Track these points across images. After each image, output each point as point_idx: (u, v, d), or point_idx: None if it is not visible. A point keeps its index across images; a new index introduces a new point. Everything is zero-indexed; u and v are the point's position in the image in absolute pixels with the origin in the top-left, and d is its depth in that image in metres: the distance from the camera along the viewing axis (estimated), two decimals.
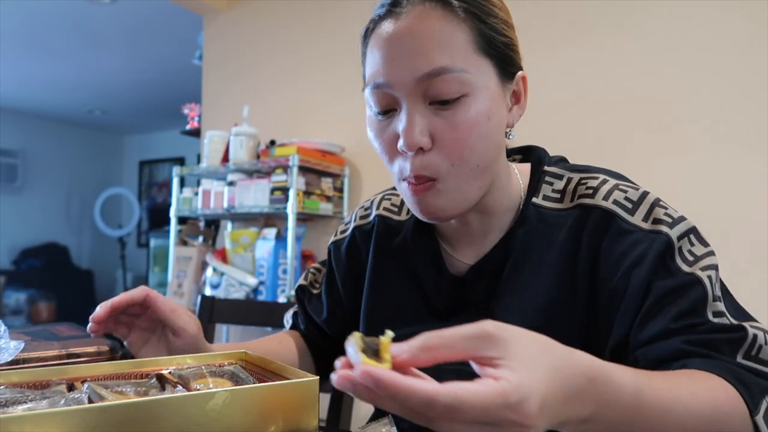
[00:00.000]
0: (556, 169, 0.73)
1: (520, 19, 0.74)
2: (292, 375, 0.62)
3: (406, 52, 0.62)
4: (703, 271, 0.61)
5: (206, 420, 0.52)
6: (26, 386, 0.59)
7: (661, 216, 0.64)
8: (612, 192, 0.66)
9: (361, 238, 0.85)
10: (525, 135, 0.85)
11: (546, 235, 0.69)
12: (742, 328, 0.58)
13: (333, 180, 2.48)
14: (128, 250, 6.34)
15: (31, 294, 5.63)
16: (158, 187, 6.66)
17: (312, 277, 0.94)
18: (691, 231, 0.64)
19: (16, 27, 3.76)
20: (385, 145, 0.66)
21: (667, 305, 0.59)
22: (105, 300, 0.73)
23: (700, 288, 0.59)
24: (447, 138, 0.62)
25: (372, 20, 0.67)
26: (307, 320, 0.93)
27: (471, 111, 0.62)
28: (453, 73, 0.61)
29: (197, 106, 3.18)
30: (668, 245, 0.62)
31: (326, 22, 2.62)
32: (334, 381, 0.38)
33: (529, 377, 0.37)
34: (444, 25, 0.62)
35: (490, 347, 0.39)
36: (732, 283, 0.67)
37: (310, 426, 0.58)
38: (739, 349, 0.57)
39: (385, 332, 0.41)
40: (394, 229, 0.82)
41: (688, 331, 0.58)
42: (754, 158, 1.71)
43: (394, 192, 0.87)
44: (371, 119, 0.68)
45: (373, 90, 0.65)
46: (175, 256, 2.69)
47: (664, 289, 0.60)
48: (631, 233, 0.63)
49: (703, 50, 1.80)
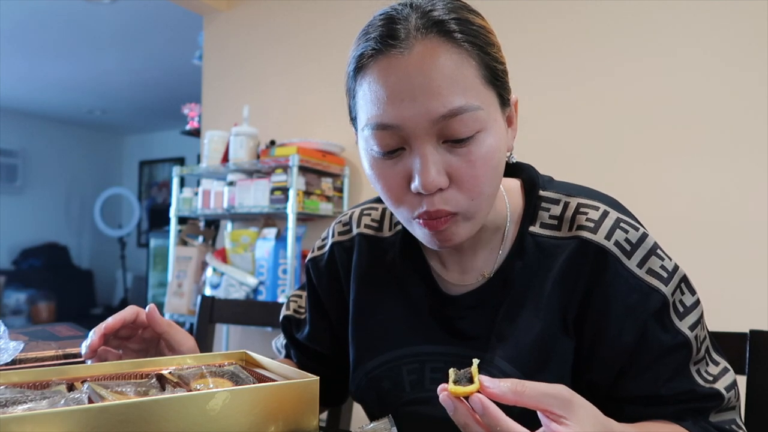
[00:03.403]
0: (551, 193, 0.71)
1: (518, 22, 0.74)
2: (292, 375, 0.62)
3: (417, 91, 0.58)
4: (692, 329, 0.65)
5: (206, 420, 0.52)
6: (26, 386, 0.59)
7: (656, 268, 0.65)
8: (614, 231, 0.66)
9: (340, 255, 0.82)
10: (523, 140, 0.84)
11: (544, 265, 0.68)
12: (719, 396, 0.65)
13: (333, 180, 2.48)
14: (128, 250, 6.34)
15: (31, 294, 5.63)
16: (158, 187, 6.66)
17: (294, 305, 0.91)
18: (682, 281, 0.67)
19: (16, 27, 3.76)
20: (393, 186, 0.62)
21: (659, 367, 0.65)
22: (105, 300, 0.73)
23: (687, 350, 0.65)
24: (465, 175, 0.60)
25: (363, 55, 0.62)
26: (298, 351, 0.89)
27: (485, 146, 0.60)
28: (468, 113, 0.58)
29: (197, 106, 3.18)
30: (664, 303, 0.64)
31: (327, 22, 2.62)
32: (442, 398, 0.49)
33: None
34: (453, 60, 0.58)
35: (563, 408, 0.48)
36: (732, 283, 0.69)
37: (310, 426, 0.58)
38: (712, 411, 0.66)
39: (472, 361, 0.51)
40: (379, 248, 0.79)
41: (677, 401, 0.65)
42: (754, 158, 1.71)
43: (372, 206, 0.84)
44: (374, 159, 0.63)
45: (376, 131, 0.61)
46: (175, 256, 2.69)
47: (659, 349, 0.65)
48: (626, 280, 0.65)
49: (703, 50, 1.80)
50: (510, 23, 2.08)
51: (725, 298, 1.69)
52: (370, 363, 0.75)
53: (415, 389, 0.72)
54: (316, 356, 0.88)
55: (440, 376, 0.69)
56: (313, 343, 0.87)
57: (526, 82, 2.04)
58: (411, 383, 0.72)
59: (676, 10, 1.84)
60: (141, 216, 6.56)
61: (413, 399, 0.72)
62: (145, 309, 0.75)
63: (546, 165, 0.85)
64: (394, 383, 0.73)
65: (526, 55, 2.07)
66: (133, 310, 0.74)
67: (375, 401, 0.75)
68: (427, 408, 0.70)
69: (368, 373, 0.75)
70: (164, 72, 4.58)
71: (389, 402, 0.73)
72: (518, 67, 0.71)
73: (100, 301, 6.35)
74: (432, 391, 0.65)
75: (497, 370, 0.67)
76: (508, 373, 0.66)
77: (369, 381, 0.75)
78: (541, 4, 2.07)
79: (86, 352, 0.70)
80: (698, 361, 0.66)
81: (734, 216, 1.72)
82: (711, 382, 0.65)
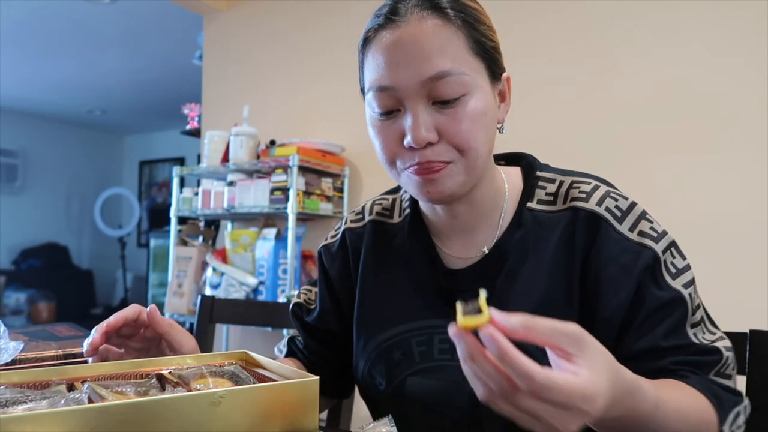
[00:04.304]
0: (547, 173, 0.78)
1: (514, 19, 0.79)
2: (292, 375, 0.62)
3: (409, 57, 0.66)
4: (685, 288, 0.68)
5: (206, 420, 0.52)
6: (26, 386, 0.59)
7: (646, 230, 0.70)
8: (604, 199, 0.72)
9: (352, 239, 0.88)
10: (521, 135, 0.85)
11: (541, 237, 0.73)
12: (717, 351, 0.67)
13: (333, 180, 2.48)
14: (128, 250, 6.34)
15: (31, 294, 5.63)
16: (158, 187, 6.65)
17: (305, 296, 0.94)
18: (672, 245, 0.71)
19: (16, 27, 3.76)
20: (389, 142, 0.70)
21: (657, 322, 0.68)
22: (105, 300, 0.74)
23: (683, 307, 0.68)
24: (452, 130, 0.67)
25: (370, 29, 0.71)
26: (307, 334, 0.92)
27: (471, 107, 0.67)
28: (453, 76, 0.66)
29: (197, 106, 3.18)
30: (655, 259, 0.69)
31: (326, 22, 2.62)
32: (451, 332, 0.46)
33: (600, 380, 0.47)
34: (443, 31, 0.67)
35: (573, 345, 0.47)
36: (732, 283, 0.69)
37: (310, 426, 0.58)
38: (713, 369, 0.67)
39: (479, 292, 0.48)
40: (389, 232, 0.85)
41: (676, 352, 0.67)
42: (755, 157, 1.71)
43: (384, 198, 0.90)
44: (374, 119, 0.71)
45: (376, 93, 0.69)
46: (175, 256, 2.69)
47: (656, 303, 0.67)
48: (618, 242, 0.69)
49: (702, 45, 1.80)
50: (508, 18, 2.08)
51: (725, 298, 1.69)
52: (381, 336, 0.79)
53: (424, 359, 0.76)
54: (324, 339, 0.90)
55: (448, 347, 0.74)
56: (322, 322, 0.90)
57: (523, 77, 2.04)
58: (420, 354, 0.76)
59: (676, 6, 1.84)
60: (141, 216, 6.55)
61: (422, 368, 0.75)
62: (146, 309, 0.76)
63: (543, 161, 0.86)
64: (404, 354, 0.77)
65: (523, 50, 2.07)
66: (135, 309, 0.75)
67: (384, 373, 0.77)
68: (434, 375, 0.74)
69: (379, 345, 0.79)
70: (164, 72, 4.58)
71: (398, 372, 0.76)
72: (515, 63, 0.75)
73: (100, 301, 6.35)
74: (440, 360, 0.73)
75: None
76: None
77: (380, 352, 0.79)
78: (542, 1, 2.07)
79: (88, 350, 0.71)
80: (695, 325, 0.69)
81: (734, 215, 1.72)
82: (709, 342, 0.68)
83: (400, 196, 0.89)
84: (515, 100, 0.78)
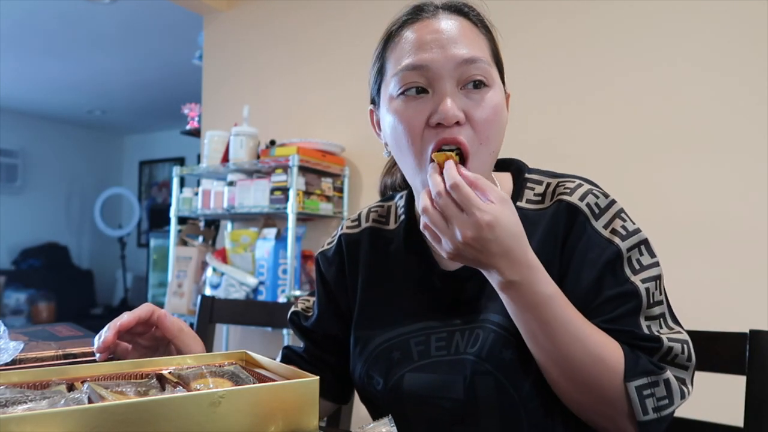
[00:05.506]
0: (536, 176, 0.81)
1: (515, 20, 0.82)
2: (292, 375, 0.62)
3: (443, 40, 0.71)
4: (644, 283, 0.70)
5: (206, 420, 0.52)
6: (26, 386, 0.59)
7: (618, 228, 0.73)
8: (587, 195, 0.75)
9: (348, 244, 0.89)
10: (521, 135, 0.85)
11: (529, 232, 0.74)
12: (658, 339, 0.68)
13: (333, 180, 2.48)
14: (128, 250, 6.33)
15: (31, 294, 5.63)
16: (158, 187, 6.65)
17: (303, 305, 0.95)
18: (642, 243, 0.73)
19: (16, 27, 3.76)
20: (414, 124, 0.72)
21: (610, 310, 0.70)
22: (105, 300, 0.74)
23: (637, 299, 0.69)
24: (478, 116, 0.71)
25: (396, 23, 0.76)
26: (306, 339, 0.92)
27: (494, 100, 0.72)
28: (484, 63, 0.72)
29: (197, 106, 3.18)
30: (618, 255, 0.71)
31: (327, 22, 2.62)
32: (429, 172, 0.67)
33: (503, 216, 0.62)
34: (472, 30, 0.74)
35: (498, 198, 0.63)
36: (732, 283, 0.69)
37: (310, 426, 0.58)
38: (653, 356, 0.68)
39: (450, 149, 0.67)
40: (386, 238, 0.88)
41: (617, 334, 0.68)
42: (754, 157, 1.71)
43: (380, 205, 0.92)
44: (396, 104, 0.74)
45: (406, 72, 0.72)
46: (175, 256, 2.69)
47: (611, 293, 0.70)
48: (590, 237, 0.73)
49: (702, 46, 1.80)
50: (508, 21, 2.08)
51: (725, 298, 1.69)
52: (380, 338, 0.81)
53: (422, 357, 0.77)
54: (322, 342, 0.91)
55: (444, 344, 0.76)
56: (320, 326, 0.90)
57: (521, 80, 2.04)
58: (418, 352, 0.78)
59: (676, 5, 1.84)
60: (141, 216, 6.55)
61: (420, 365, 0.76)
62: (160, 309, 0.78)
63: (541, 165, 0.86)
64: (403, 353, 0.78)
65: (521, 54, 2.07)
66: (148, 309, 0.76)
67: (382, 372, 0.78)
68: (430, 371, 0.76)
69: (378, 347, 0.80)
70: (164, 72, 4.58)
71: (397, 370, 0.77)
72: (514, 66, 0.78)
73: (100, 301, 6.35)
74: (436, 356, 0.76)
75: (490, 324, 0.73)
76: (501, 324, 0.72)
77: (379, 353, 0.80)
78: (539, 4, 2.07)
79: (100, 346, 0.72)
80: (650, 318, 0.70)
81: (734, 215, 1.72)
82: (657, 334, 0.69)
83: (395, 203, 0.90)
84: (515, 101, 0.80)
